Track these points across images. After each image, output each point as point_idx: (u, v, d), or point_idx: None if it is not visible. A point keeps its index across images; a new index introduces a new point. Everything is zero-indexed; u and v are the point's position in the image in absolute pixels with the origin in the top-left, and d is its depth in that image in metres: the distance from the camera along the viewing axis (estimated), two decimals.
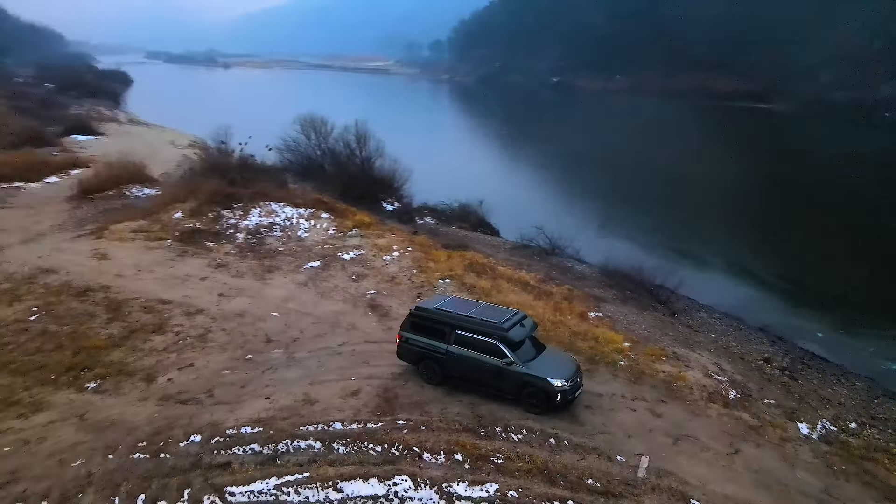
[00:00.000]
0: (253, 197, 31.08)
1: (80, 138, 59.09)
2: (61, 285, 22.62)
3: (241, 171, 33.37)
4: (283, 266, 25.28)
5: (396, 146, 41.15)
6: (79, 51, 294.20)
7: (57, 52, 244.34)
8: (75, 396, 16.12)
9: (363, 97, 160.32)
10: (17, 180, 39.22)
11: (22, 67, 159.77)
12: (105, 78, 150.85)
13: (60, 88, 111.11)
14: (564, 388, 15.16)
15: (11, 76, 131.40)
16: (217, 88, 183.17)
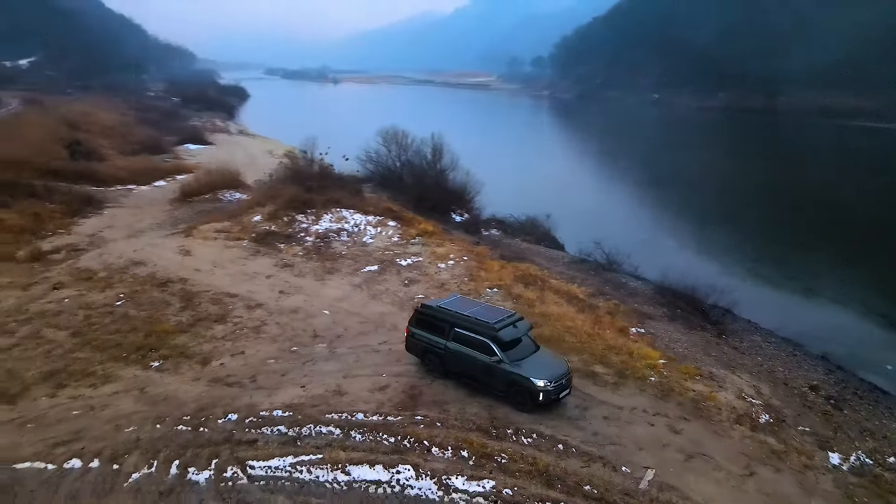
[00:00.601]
0: (326, 203, 33.08)
1: (192, 147, 64.66)
2: (147, 276, 25.28)
3: (318, 179, 35.56)
4: (343, 269, 26.84)
5: (482, 159, 42.16)
6: (207, 67, 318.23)
7: (187, 69, 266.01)
8: (140, 372, 18.16)
9: (460, 111, 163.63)
10: (131, 183, 43.75)
11: (155, 83, 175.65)
12: (224, 93, 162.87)
13: (184, 102, 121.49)
14: (547, 389, 15.73)
15: (145, 90, 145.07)
16: (323, 102, 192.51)
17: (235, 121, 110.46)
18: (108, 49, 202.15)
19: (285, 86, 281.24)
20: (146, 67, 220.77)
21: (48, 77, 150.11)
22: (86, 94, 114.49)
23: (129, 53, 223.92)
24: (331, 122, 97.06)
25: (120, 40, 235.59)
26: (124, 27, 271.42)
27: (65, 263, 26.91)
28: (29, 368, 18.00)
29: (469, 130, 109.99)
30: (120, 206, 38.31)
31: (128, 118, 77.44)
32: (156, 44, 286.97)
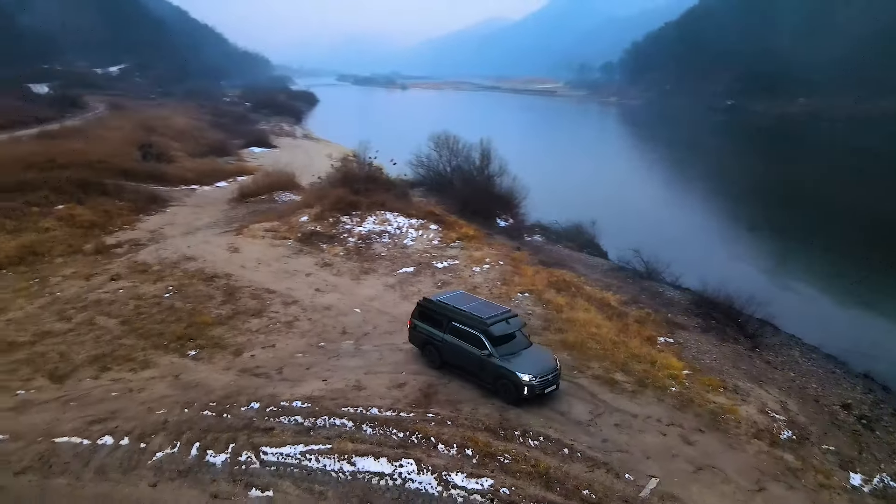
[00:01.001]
0: (371, 206, 33.99)
1: (256, 150, 67.44)
2: (196, 271, 26.73)
3: (365, 182, 36.54)
4: (380, 269, 27.55)
5: (536, 165, 41.78)
6: (282, 74, 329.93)
7: (264, 76, 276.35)
8: (177, 360, 19.32)
9: (521, 117, 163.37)
10: (195, 183, 46.16)
11: (232, 89, 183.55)
12: (294, 98, 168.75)
13: (254, 107, 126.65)
14: (532, 383, 16.31)
15: (222, 96, 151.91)
16: (389, 107, 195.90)
17: (302, 125, 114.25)
18: (191, 57, 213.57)
19: (355, 91, 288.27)
20: (225, 74, 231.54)
21: (136, 83, 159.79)
22: (167, 99, 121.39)
23: (211, 61, 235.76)
24: (393, 126, 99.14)
25: (203, 49, 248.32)
26: (208, 37, 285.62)
27: (125, 257, 28.77)
28: (79, 352, 19.47)
29: (528, 136, 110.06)
30: (182, 205, 40.51)
31: (200, 122, 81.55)
32: (235, 52, 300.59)
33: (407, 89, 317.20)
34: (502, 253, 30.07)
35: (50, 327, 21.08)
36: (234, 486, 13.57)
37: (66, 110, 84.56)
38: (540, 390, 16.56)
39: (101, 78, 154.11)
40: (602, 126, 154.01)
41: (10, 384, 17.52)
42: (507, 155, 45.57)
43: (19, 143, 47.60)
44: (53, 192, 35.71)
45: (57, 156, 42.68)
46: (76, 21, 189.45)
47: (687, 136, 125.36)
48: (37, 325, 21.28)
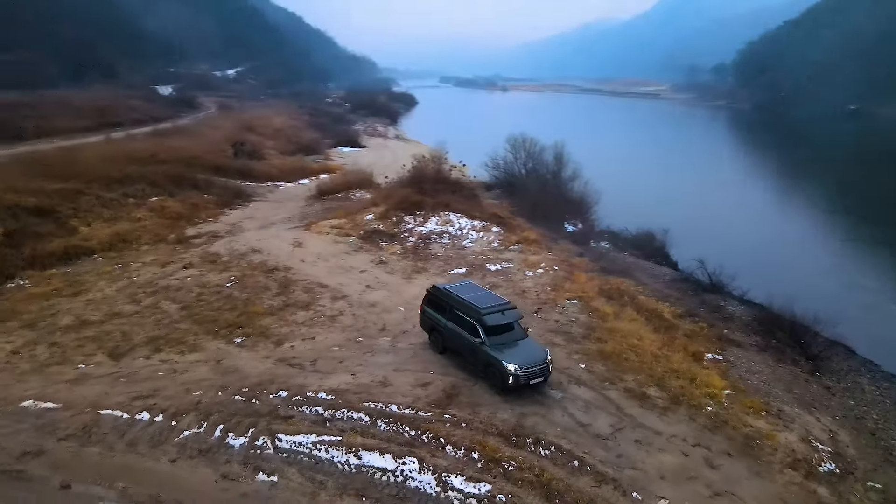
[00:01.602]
0: (435, 206, 34.40)
1: (345, 150, 69.88)
2: (259, 263, 28.17)
3: (433, 182, 37.00)
4: (432, 269, 27.84)
5: (620, 170, 40.21)
6: (387, 76, 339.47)
7: (369, 78, 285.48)
8: (223, 346, 20.49)
9: (620, 121, 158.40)
10: (280, 180, 48.56)
11: (337, 90, 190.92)
12: (394, 100, 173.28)
13: (353, 108, 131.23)
14: (517, 374, 16.90)
15: (325, 97, 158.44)
16: (486, 109, 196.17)
17: (396, 126, 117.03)
18: (302, 60, 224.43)
19: (455, 93, 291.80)
20: (332, 76, 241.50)
21: (250, 85, 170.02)
22: (274, 100, 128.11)
23: (320, 64, 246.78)
24: (486, 127, 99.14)
25: (313, 53, 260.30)
26: (320, 41, 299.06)
27: (200, 247, 30.77)
28: (139, 333, 21.07)
29: (620, 140, 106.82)
30: (264, 201, 42.73)
31: (298, 122, 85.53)
32: (343, 55, 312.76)
33: (507, 91, 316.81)
34: (560, 258, 29.53)
35: (120, 309, 22.95)
36: (244, 469, 14.26)
37: (181, 110, 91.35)
38: (525, 381, 17.08)
39: (218, 80, 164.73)
40: (704, 131, 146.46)
41: (75, 358, 19.26)
42: (594, 159, 44.73)
43: (131, 141, 51.89)
44: (149, 185, 38.78)
45: (159, 152, 46.27)
46: (201, 28, 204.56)
47: (798, 142, 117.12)
48: (110, 306, 23.22)
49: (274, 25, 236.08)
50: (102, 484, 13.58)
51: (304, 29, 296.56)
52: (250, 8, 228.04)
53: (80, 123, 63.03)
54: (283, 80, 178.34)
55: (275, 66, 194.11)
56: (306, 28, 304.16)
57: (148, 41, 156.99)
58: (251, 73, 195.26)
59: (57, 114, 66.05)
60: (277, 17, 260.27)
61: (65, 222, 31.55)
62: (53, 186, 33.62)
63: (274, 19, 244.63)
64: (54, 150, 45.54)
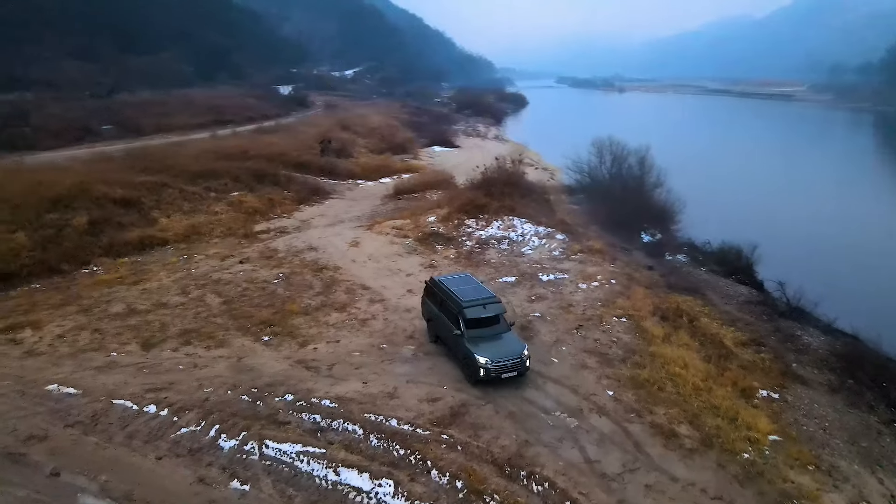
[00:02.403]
0: (499, 210, 33.20)
1: (437, 149, 69.81)
2: (311, 261, 28.38)
3: (503, 185, 35.75)
4: (480, 276, 26.62)
5: (724, 177, 36.76)
6: (503, 76, 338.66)
7: (483, 78, 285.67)
8: (248, 343, 20.63)
9: (741, 124, 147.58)
10: (361, 178, 49.19)
11: (449, 90, 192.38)
12: (503, 100, 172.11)
13: (459, 107, 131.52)
14: (487, 367, 17.36)
15: (434, 97, 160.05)
16: (596, 111, 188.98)
17: (499, 127, 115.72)
18: (419, 61, 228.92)
19: (569, 94, 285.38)
20: (447, 76, 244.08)
21: (365, 85, 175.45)
22: (383, 99, 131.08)
23: (436, 64, 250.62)
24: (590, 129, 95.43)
25: (431, 53, 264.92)
26: (438, 42, 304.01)
27: (263, 243, 31.56)
28: (177, 325, 21.71)
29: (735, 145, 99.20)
30: (341, 198, 43.37)
31: (397, 120, 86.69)
32: (460, 55, 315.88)
33: (624, 92, 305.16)
34: (621, 271, 27.43)
35: (168, 299, 23.82)
36: (223, 474, 14.08)
37: (292, 109, 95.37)
38: (496, 374, 17.48)
39: (336, 80, 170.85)
40: (840, 135, 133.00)
41: (110, 345, 20.11)
42: (696, 165, 41.54)
43: (231, 138, 54.58)
44: (232, 180, 40.42)
45: (250, 149, 48.25)
46: (326, 31, 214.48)
47: None
48: (160, 296, 24.17)
49: (393, 27, 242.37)
50: (88, 475, 13.86)
51: (423, 30, 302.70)
52: (372, 10, 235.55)
53: (196, 121, 67.29)
54: (397, 79, 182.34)
55: (391, 67, 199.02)
56: (425, 29, 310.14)
57: (278, 45, 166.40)
58: (368, 74, 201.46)
59: (178, 111, 71.13)
60: (398, 19, 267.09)
61: (147, 213, 33.45)
62: (142, 179, 35.79)
63: (394, 21, 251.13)
64: (161, 146, 48.91)
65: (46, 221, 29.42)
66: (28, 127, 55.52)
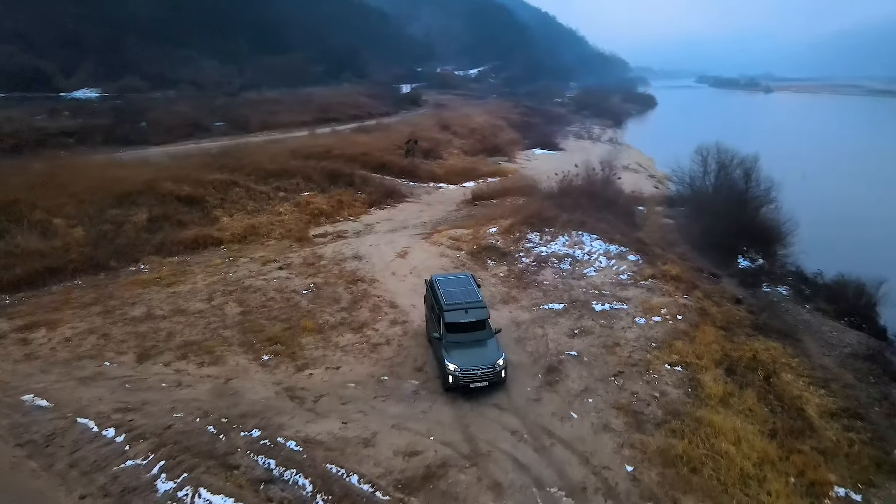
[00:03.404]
0: (567, 224, 29.66)
1: (537, 152, 66.14)
2: (350, 272, 26.54)
3: (579, 195, 32.04)
4: (524, 300, 23.54)
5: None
6: (637, 76, 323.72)
7: (615, 77, 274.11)
8: (245, 362, 19.05)
9: None
10: (443, 182, 47.03)
11: (573, 90, 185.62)
12: (629, 100, 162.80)
13: (577, 108, 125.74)
14: (455, 374, 16.64)
15: (555, 97, 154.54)
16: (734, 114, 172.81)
17: (616, 129, 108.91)
18: (547, 59, 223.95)
19: (708, 94, 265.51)
20: (576, 75, 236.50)
21: (489, 84, 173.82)
22: (505, 98, 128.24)
23: (565, 63, 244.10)
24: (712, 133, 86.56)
25: (561, 52, 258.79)
26: (570, 40, 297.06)
27: (312, 248, 30.23)
28: (184, 335, 20.64)
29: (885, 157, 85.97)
30: (416, 202, 41.44)
31: (502, 121, 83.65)
32: (592, 54, 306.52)
33: (770, 92, 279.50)
34: (695, 304, 23.08)
35: (189, 306, 22.92)
36: None
37: (403, 107, 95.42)
38: (465, 383, 16.74)
39: (458, 79, 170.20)
40: None
41: (107, 353, 19.33)
42: (827, 179, 35.47)
43: (323, 136, 54.57)
44: (304, 180, 39.79)
45: (335, 148, 47.74)
46: (453, 30, 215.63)
47: None
48: (185, 301, 23.35)
49: (523, 25, 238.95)
50: None
51: (554, 28, 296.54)
52: (501, 9, 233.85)
53: (302, 118, 68.53)
54: (522, 78, 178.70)
55: (516, 65, 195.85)
56: (557, 27, 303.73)
57: (404, 44, 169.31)
58: (492, 73, 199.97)
59: (288, 110, 72.98)
60: (529, 16, 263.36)
61: (209, 212, 33.35)
62: (213, 177, 35.91)
63: (524, 19, 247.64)
64: (253, 143, 49.71)
65: (108, 217, 29.97)
66: (144, 123, 59.06)
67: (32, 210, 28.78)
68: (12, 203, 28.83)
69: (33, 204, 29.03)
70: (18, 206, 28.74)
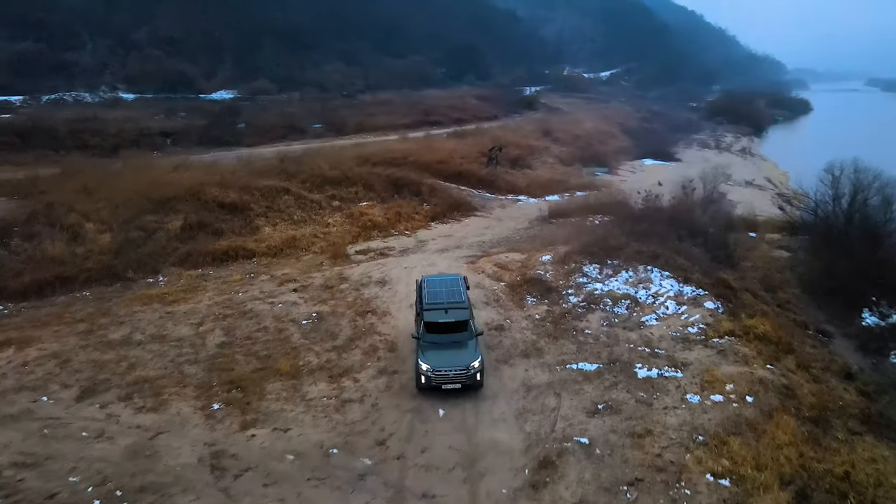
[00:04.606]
0: (635, 256, 24.28)
1: (646, 162, 59.22)
2: (365, 300, 23.16)
3: (654, 220, 26.43)
4: (550, 354, 18.80)
5: None
6: (794, 78, 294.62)
7: (768, 80, 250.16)
8: (188, 411, 16.20)
9: None
10: (524, 194, 42.53)
11: (714, 94, 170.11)
12: (775, 105, 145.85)
13: (710, 114, 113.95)
14: (428, 374, 16.22)
15: (692, 100, 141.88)
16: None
17: (754, 138, 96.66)
18: (689, 61, 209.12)
19: (879, 100, 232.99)
20: (720, 78, 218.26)
21: (621, 87, 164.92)
22: (635, 101, 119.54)
23: (709, 65, 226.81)
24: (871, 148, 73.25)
25: (707, 52, 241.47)
26: (718, 40, 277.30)
27: (341, 267, 27.22)
28: (142, 370, 18.20)
29: None
30: (485, 217, 37.34)
31: (614, 127, 76.64)
32: (741, 55, 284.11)
33: None
34: (779, 379, 17.19)
35: (172, 331, 20.65)
36: None
37: (514, 111, 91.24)
38: (437, 384, 16.29)
39: (586, 82, 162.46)
40: None
41: (51, 386, 17.26)
42: None
43: (408, 140, 51.79)
44: (365, 188, 37.08)
45: (414, 153, 44.78)
46: (587, 32, 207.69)
47: None
48: (175, 325, 21.15)
49: (663, 25, 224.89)
50: None
51: (701, 28, 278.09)
52: (640, 9, 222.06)
53: (401, 121, 66.93)
54: (656, 81, 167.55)
55: (652, 67, 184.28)
56: (704, 27, 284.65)
57: (533, 46, 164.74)
58: (625, 75, 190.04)
59: (392, 112, 71.70)
60: (674, 16, 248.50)
61: (251, 220, 31.52)
62: (264, 183, 34.15)
63: (667, 19, 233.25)
64: (337, 146, 48.20)
65: (142, 223, 28.86)
66: (242, 124, 59.83)
67: (69, 213, 28.22)
68: (50, 206, 28.48)
69: (70, 207, 28.48)
70: (56, 208, 28.32)
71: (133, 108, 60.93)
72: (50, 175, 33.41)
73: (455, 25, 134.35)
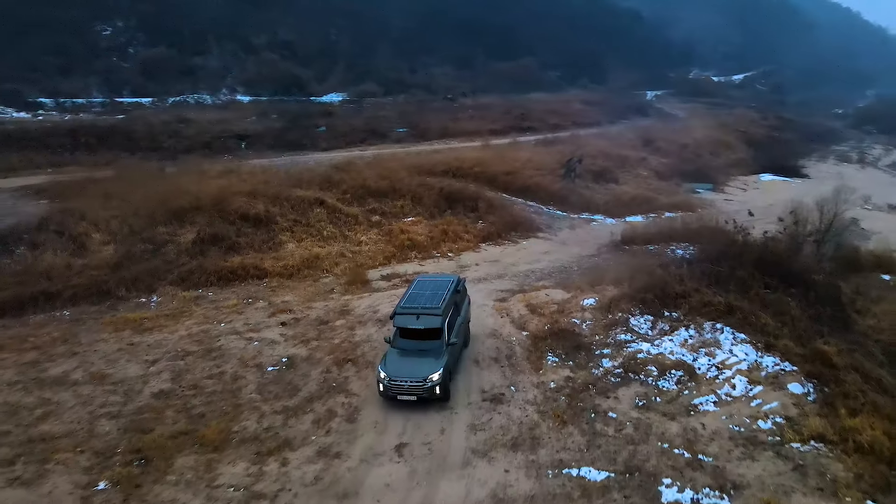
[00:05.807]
0: (701, 308, 18.41)
1: (764, 178, 50.59)
2: (353, 344, 19.13)
3: (733, 261, 20.18)
4: (546, 448, 13.68)
5: None
6: None
7: None
8: (65, 489, 12.99)
9: None
10: (600, 213, 36.87)
11: (869, 99, 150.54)
12: None
13: (857, 122, 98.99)
14: (385, 383, 15.38)
15: (835, 106, 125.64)
16: None
17: None
18: (841, 63, 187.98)
19: None
20: (876, 82, 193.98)
21: (756, 91, 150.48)
22: (761, 107, 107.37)
23: (864, 68, 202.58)
24: None
25: (861, 54, 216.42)
26: (880, 41, 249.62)
27: (350, 296, 23.42)
28: (57, 420, 15.34)
29: None
30: (546, 240, 32.12)
31: (736, 136, 67.37)
32: None
33: None
34: None
35: (117, 371, 17.75)
36: None
37: (625, 117, 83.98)
38: (392, 394, 15.46)
39: (715, 86, 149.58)
40: None
41: None
42: None
43: (486, 149, 47.08)
44: (412, 202, 33.15)
45: (484, 163, 40.28)
46: (722, 31, 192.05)
47: None
48: (128, 361, 18.32)
49: (809, 24, 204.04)
50: None
51: (858, 26, 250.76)
52: (783, 7, 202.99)
53: (490, 126, 62.75)
54: (797, 85, 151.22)
55: (793, 70, 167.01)
56: (862, 25, 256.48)
57: (658, 48, 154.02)
58: (761, 78, 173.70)
59: (482, 117, 67.84)
60: (826, 14, 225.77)
61: (275, 234, 28.55)
62: (297, 193, 31.14)
63: (816, 17, 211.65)
64: (397, 153, 44.93)
65: (152, 235, 26.65)
66: (324, 127, 58.24)
67: (79, 222, 26.55)
68: (66, 212, 27.00)
69: (81, 215, 26.81)
70: (69, 215, 26.78)
71: (236, 110, 61.33)
72: (101, 177, 32.58)
73: (574, 27, 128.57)
